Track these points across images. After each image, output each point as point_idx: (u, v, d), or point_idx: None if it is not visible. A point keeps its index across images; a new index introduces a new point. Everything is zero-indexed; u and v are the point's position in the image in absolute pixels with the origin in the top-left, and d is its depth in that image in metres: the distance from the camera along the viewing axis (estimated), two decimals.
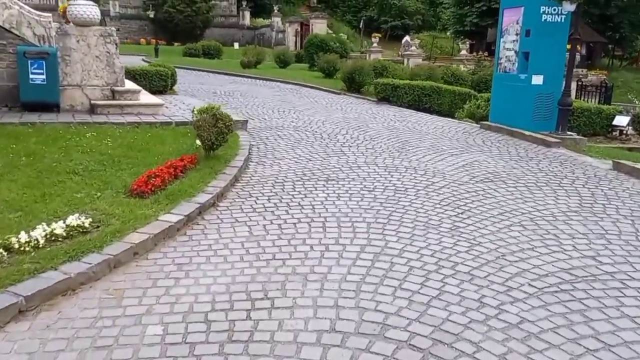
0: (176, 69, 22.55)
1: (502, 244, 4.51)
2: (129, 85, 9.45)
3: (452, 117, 14.62)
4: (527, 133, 9.77)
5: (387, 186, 6.19)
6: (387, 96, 14.57)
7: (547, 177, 6.93)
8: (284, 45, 40.55)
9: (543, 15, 9.81)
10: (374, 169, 6.97)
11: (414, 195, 5.84)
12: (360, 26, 50.38)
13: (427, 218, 5.09)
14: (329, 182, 6.28)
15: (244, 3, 50.04)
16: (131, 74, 12.72)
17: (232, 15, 50.33)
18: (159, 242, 4.23)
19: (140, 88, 9.24)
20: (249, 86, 17.39)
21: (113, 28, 8.84)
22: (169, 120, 8.40)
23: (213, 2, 46.54)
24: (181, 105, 10.95)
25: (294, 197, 5.64)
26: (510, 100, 10.52)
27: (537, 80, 10.05)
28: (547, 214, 5.39)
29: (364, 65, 17.27)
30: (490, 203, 5.67)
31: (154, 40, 42.50)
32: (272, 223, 4.84)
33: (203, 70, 21.98)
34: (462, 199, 5.80)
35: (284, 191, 5.86)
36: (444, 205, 5.51)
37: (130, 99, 8.84)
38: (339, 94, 16.40)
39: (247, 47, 30.07)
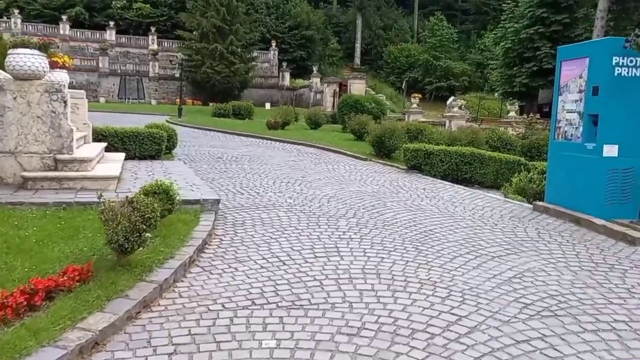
0: (194, 130, 21.47)
1: None
2: (82, 152, 7.68)
3: (498, 189, 12.23)
4: (598, 222, 7.21)
5: (382, 323, 3.85)
6: (419, 164, 12.32)
7: None
8: (321, 106, 39.44)
9: (616, 68, 7.47)
10: (372, 285, 4.65)
11: (423, 351, 3.46)
12: (403, 87, 49.09)
13: None
14: (292, 313, 4.00)
15: (284, 64, 49.99)
16: (119, 137, 11.23)
17: (273, 76, 50.27)
18: None
19: (92, 156, 7.43)
20: (264, 149, 15.60)
21: (63, 82, 7.17)
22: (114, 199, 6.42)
23: (253, 63, 46.60)
24: (161, 176, 9.07)
25: (219, 350, 3.38)
26: (573, 175, 8.05)
27: (610, 151, 7.58)
28: None
29: (395, 127, 15.18)
30: None
31: (191, 101, 42.63)
32: None
33: (223, 132, 20.56)
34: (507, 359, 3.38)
35: (210, 332, 3.63)
36: None
37: (77, 170, 7.00)
38: (365, 160, 14.31)
39: (279, 108, 28.85)
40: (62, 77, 9.71)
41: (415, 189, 9.93)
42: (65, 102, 6.98)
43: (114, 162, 8.60)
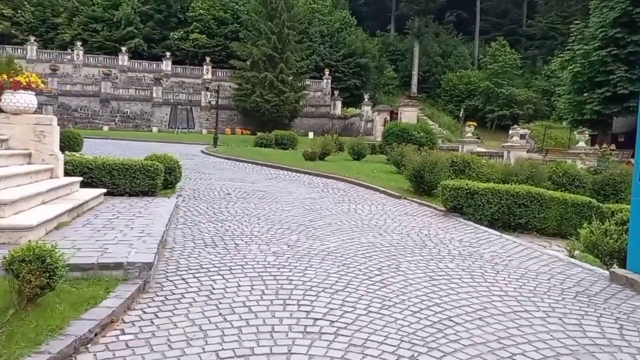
0: (223, 161, 20.05)
1: None
2: (10, 193, 6.09)
3: (563, 237, 9.78)
4: None
5: None
6: (460, 205, 10.02)
7: None
8: (371, 135, 37.50)
9: None
10: None
11: None
12: (460, 115, 46.34)
13: None
14: None
15: (337, 93, 48.63)
16: (106, 170, 9.81)
17: (325, 105, 49.00)
18: None
19: (8, 199, 5.80)
20: (287, 184, 13.77)
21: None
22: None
23: (305, 92, 45.54)
24: (124, 220, 7.41)
25: None
26: None
27: None
28: None
29: (437, 159, 12.91)
30: None
31: (239, 130, 41.93)
32: None
33: (254, 163, 18.96)
34: None
35: None
36: None
37: None
38: (398, 197, 12.15)
39: (324, 137, 27.09)
40: (26, 99, 8.43)
41: (448, 242, 7.68)
42: None
43: (65, 203, 7.08)
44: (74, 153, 14.27)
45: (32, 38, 48.05)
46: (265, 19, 42.89)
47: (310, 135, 36.97)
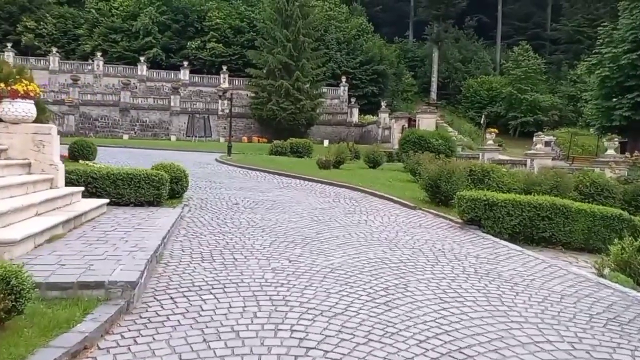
0: (236, 169, 19.73)
1: None
2: None
3: (591, 252, 9.19)
4: None
5: None
6: (478, 217, 9.43)
7: None
8: (389, 143, 36.92)
9: None
10: None
11: None
12: (482, 122, 45.42)
13: None
14: None
15: (353, 100, 48.16)
16: (110, 179, 9.57)
17: (342, 112, 48.54)
18: None
19: None
20: (298, 193, 13.34)
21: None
22: None
23: (321, 99, 45.16)
24: (122, 231, 7.06)
25: None
26: None
27: None
28: None
29: (454, 168, 12.33)
30: None
31: (256, 138, 41.78)
32: None
33: (266, 171, 18.57)
34: None
35: None
36: None
37: None
38: (413, 208, 11.61)
39: (338, 145, 26.66)
40: (25, 107, 8.19)
41: (464, 257, 7.13)
42: None
43: (60, 215, 6.81)
44: (87, 162, 14.17)
45: (54, 49, 48.81)
46: (281, 27, 42.76)
47: (326, 143, 36.52)
